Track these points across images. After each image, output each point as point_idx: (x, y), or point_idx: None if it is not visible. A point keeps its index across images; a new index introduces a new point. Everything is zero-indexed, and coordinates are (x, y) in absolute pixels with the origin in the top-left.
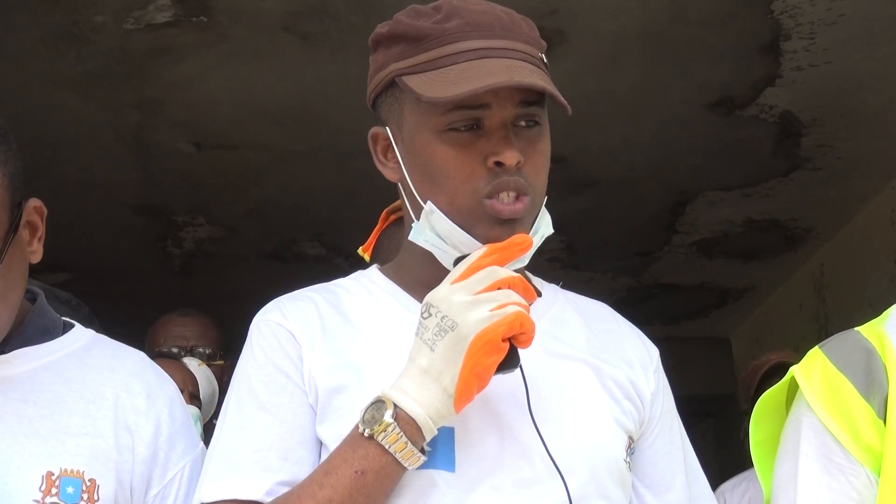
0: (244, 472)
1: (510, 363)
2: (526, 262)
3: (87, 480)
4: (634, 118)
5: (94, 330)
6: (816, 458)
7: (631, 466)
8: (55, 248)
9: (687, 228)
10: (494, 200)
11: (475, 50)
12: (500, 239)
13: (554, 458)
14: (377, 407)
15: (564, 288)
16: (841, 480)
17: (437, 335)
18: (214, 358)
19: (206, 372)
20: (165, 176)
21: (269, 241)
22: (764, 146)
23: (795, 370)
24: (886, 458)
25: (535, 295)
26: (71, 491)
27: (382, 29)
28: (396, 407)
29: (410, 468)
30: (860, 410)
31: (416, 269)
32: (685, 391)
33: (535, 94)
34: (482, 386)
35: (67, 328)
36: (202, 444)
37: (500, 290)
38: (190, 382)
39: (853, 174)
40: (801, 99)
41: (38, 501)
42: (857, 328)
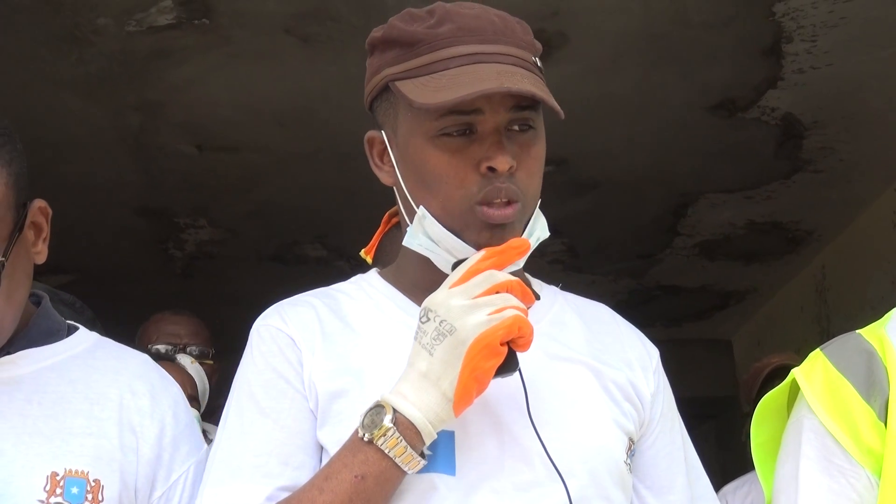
0: (245, 477)
1: (509, 367)
2: (521, 265)
3: (91, 481)
4: (636, 120)
5: (97, 333)
6: (817, 459)
7: (631, 468)
8: (56, 249)
9: (688, 230)
10: (485, 206)
11: (467, 55)
12: (490, 244)
13: (554, 460)
14: (377, 411)
15: (564, 290)
16: (842, 482)
17: (435, 339)
18: (206, 357)
19: (198, 370)
20: (167, 178)
21: (270, 242)
22: (765, 148)
23: (797, 372)
24: (887, 460)
25: (533, 298)
26: (75, 491)
27: (377, 33)
28: (396, 411)
29: (410, 472)
30: (861, 413)
31: (413, 272)
32: (686, 393)
33: (528, 98)
34: (481, 390)
35: (72, 331)
36: (206, 445)
37: (498, 293)
38: (189, 385)
39: (855, 176)
40: (802, 101)
41: (42, 502)
42: (858, 331)
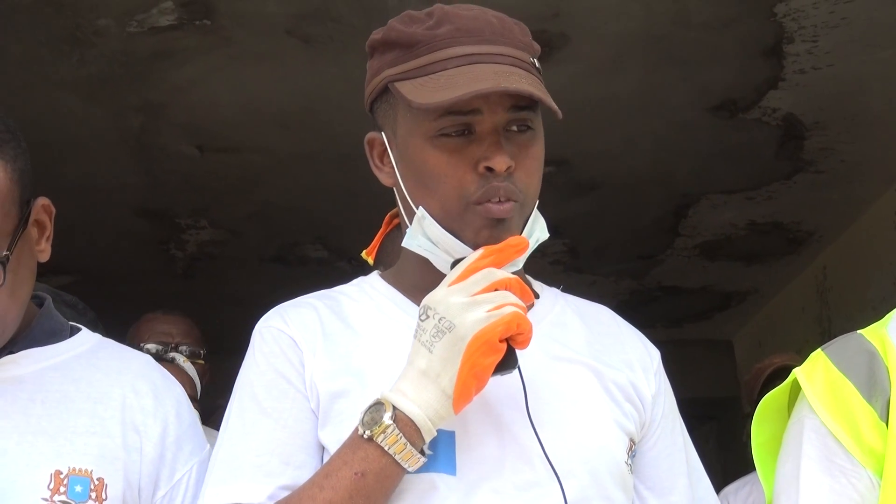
0: (246, 476)
1: (508, 364)
2: (521, 265)
3: (95, 479)
4: (637, 121)
5: (99, 334)
6: (818, 459)
7: (632, 469)
8: (57, 250)
9: (689, 231)
10: (484, 204)
11: (465, 56)
12: (488, 242)
13: (553, 460)
14: (376, 409)
15: (566, 291)
16: (843, 482)
17: (434, 337)
18: (197, 357)
19: (190, 368)
20: (168, 179)
21: (271, 243)
22: (766, 149)
23: (798, 372)
24: (888, 460)
25: (531, 296)
26: (79, 490)
27: (377, 35)
28: (395, 409)
29: (410, 470)
30: (862, 412)
31: (414, 273)
32: (688, 394)
33: (526, 99)
34: (480, 387)
35: (74, 332)
36: (209, 445)
37: (496, 291)
38: (188, 386)
39: (856, 177)
40: (803, 102)
41: (46, 500)
42: (859, 331)
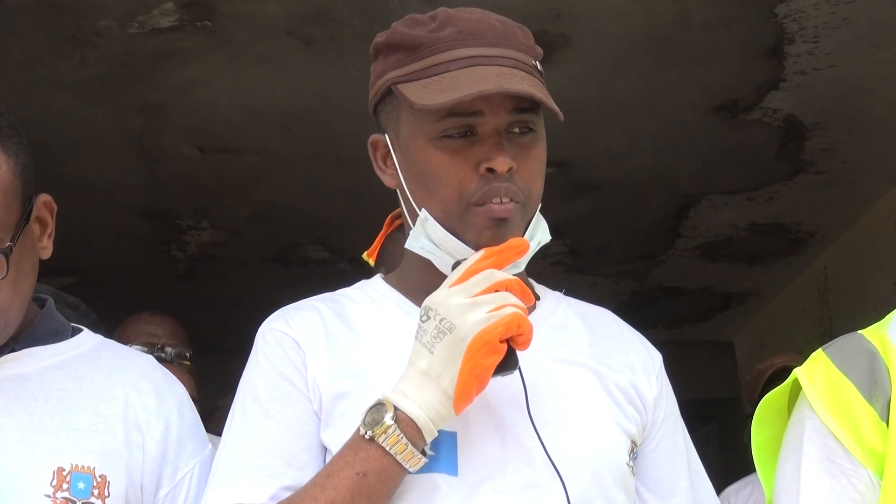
0: (249, 477)
1: (509, 365)
2: (522, 267)
3: (97, 476)
4: (638, 122)
5: (101, 335)
6: (819, 459)
7: (634, 470)
8: (58, 251)
9: (690, 232)
10: (485, 204)
11: (467, 58)
12: (490, 243)
13: (554, 461)
14: (378, 409)
15: (567, 293)
16: (843, 482)
17: (435, 337)
18: (183, 358)
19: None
20: (169, 180)
21: (272, 244)
22: (767, 150)
23: (798, 372)
24: (889, 460)
25: (532, 298)
26: (82, 486)
27: (381, 38)
28: (396, 409)
29: (411, 470)
30: (863, 413)
31: (416, 275)
32: (688, 395)
33: (528, 100)
34: (481, 387)
35: (76, 332)
36: (211, 445)
37: (497, 292)
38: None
39: (857, 178)
40: (804, 102)
41: (49, 496)
42: (860, 331)
